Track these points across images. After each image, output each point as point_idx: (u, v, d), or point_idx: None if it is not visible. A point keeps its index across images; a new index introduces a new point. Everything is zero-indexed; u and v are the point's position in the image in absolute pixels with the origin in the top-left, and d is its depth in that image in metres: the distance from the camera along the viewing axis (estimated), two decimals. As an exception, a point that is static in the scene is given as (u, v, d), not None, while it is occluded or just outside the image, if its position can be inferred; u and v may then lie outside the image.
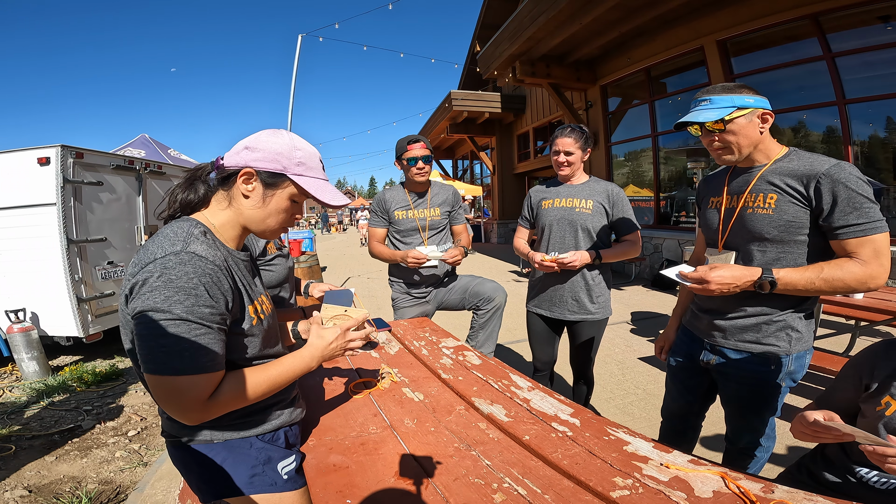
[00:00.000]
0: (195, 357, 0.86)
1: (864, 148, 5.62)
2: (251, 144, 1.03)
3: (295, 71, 10.16)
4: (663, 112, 8.23)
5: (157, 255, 0.88)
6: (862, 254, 1.19)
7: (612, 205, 2.18)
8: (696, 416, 1.80)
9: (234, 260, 1.04)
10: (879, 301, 3.03)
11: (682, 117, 1.39)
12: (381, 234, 2.63)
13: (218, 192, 1.07)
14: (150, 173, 4.99)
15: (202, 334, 0.88)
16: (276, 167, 1.03)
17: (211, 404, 0.90)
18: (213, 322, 0.90)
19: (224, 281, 0.94)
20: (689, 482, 0.99)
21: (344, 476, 1.11)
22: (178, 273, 0.86)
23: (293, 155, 1.05)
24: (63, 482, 2.37)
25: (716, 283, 1.29)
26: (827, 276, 1.21)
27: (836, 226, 1.22)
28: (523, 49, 8.33)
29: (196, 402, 0.87)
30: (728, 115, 1.30)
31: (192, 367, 0.86)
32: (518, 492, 1.01)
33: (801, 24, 5.78)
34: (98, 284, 4.31)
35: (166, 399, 0.87)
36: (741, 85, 1.35)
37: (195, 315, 0.86)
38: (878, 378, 1.06)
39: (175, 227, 0.95)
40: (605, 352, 4.08)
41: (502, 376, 1.69)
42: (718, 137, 1.36)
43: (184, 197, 1.06)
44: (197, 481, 1.04)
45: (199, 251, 0.91)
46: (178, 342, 0.85)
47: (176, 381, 0.85)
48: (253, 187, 1.03)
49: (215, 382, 0.91)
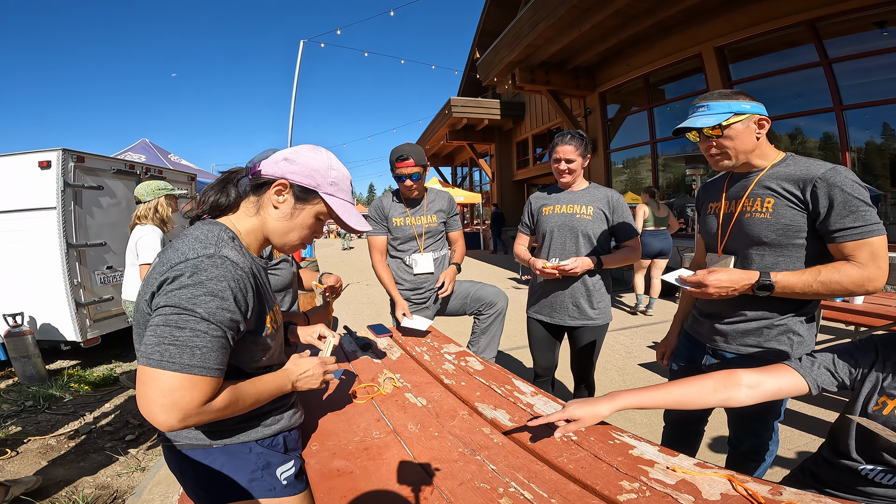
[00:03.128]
0: (207, 357, 0.83)
1: (861, 154, 5.65)
2: (290, 157, 1.04)
3: (296, 76, 10.21)
4: (662, 119, 8.28)
5: (188, 255, 0.87)
6: (859, 257, 1.20)
7: (613, 211, 2.19)
8: (698, 421, 1.80)
9: (257, 268, 1.04)
10: (879, 306, 3.04)
11: (681, 123, 1.41)
12: (383, 244, 2.57)
13: (249, 198, 1.07)
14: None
15: (219, 337, 0.85)
16: (310, 183, 1.04)
17: (202, 412, 0.84)
18: (230, 329, 0.88)
19: (250, 289, 0.93)
20: (696, 485, 0.99)
21: (348, 481, 1.10)
22: (210, 275, 0.86)
23: (328, 174, 1.06)
24: (59, 486, 2.34)
25: (714, 287, 1.30)
26: (824, 279, 1.22)
27: (832, 229, 1.22)
28: (522, 56, 8.39)
29: (190, 405, 0.81)
30: (725, 121, 1.32)
31: (202, 367, 0.82)
32: (524, 496, 1.00)
33: (797, 30, 5.84)
34: (97, 289, 4.30)
35: (159, 396, 0.79)
36: (738, 91, 1.37)
37: (216, 318, 0.85)
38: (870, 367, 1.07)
39: (205, 230, 0.95)
40: (606, 358, 4.07)
41: (505, 381, 1.68)
42: (716, 143, 1.38)
43: (215, 199, 1.06)
44: (193, 486, 1.02)
45: (231, 256, 0.91)
46: (194, 339, 0.82)
47: (178, 379, 0.80)
48: (284, 199, 1.04)
49: (215, 389, 0.86)
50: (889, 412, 1.01)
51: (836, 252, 1.26)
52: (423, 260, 2.53)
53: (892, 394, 1.03)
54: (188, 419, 0.82)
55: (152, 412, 0.79)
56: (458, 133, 14.96)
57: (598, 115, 9.51)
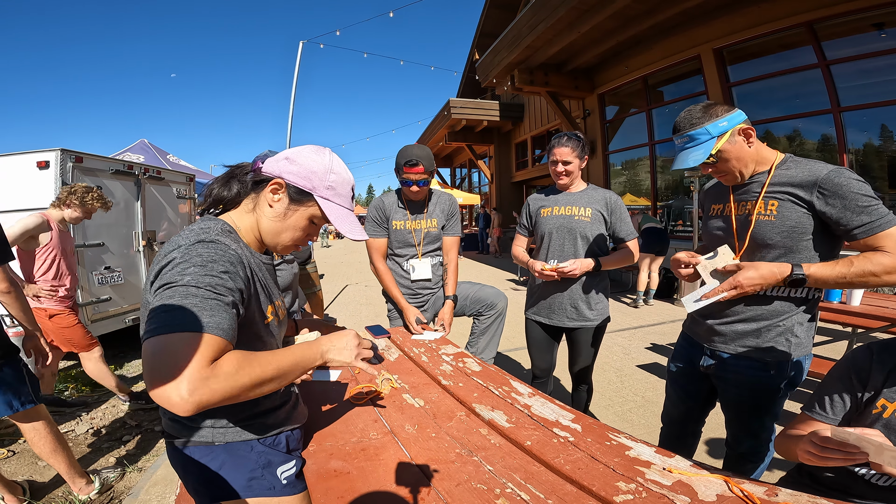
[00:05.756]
0: (198, 316, 0.79)
1: (859, 156, 5.67)
2: (291, 156, 1.04)
3: (296, 77, 10.20)
4: (660, 121, 8.29)
5: (181, 243, 0.89)
6: (887, 246, 1.19)
7: (611, 213, 2.19)
8: (695, 422, 1.80)
9: (256, 261, 1.04)
10: (876, 308, 3.04)
11: (675, 166, 1.43)
12: (383, 246, 2.49)
13: (249, 194, 1.08)
14: (148, 178, 4.98)
15: (209, 298, 0.82)
16: (305, 184, 1.04)
17: (210, 375, 0.75)
18: (222, 293, 0.84)
19: (241, 272, 0.92)
20: (692, 486, 0.99)
21: (345, 482, 1.10)
22: (199, 252, 0.86)
23: (326, 177, 1.05)
24: (56, 486, 2.34)
25: (748, 286, 1.31)
26: (858, 270, 1.21)
27: (850, 227, 1.23)
28: (522, 57, 8.41)
29: (193, 368, 0.73)
30: (714, 150, 1.33)
31: (194, 324, 0.77)
32: (521, 497, 1.00)
33: (796, 32, 5.86)
34: (95, 290, 4.28)
35: (161, 364, 0.73)
36: (707, 105, 1.37)
37: (204, 283, 0.83)
38: (873, 385, 1.07)
39: (203, 224, 0.97)
40: (604, 359, 4.08)
41: (502, 383, 1.68)
42: (714, 168, 1.40)
43: (218, 192, 1.07)
44: (195, 483, 1.03)
45: (224, 241, 0.92)
46: (183, 301, 0.79)
47: (172, 340, 0.74)
48: (279, 198, 1.04)
49: (218, 348, 0.79)
50: (889, 415, 1.01)
51: (861, 248, 1.26)
52: (422, 266, 2.49)
53: (891, 397, 1.03)
54: (199, 389, 0.73)
55: (163, 391, 0.72)
56: (456, 134, 14.98)
57: (596, 116, 9.53)
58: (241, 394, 0.81)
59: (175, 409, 0.72)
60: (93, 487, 2.22)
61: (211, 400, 0.75)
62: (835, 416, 1.13)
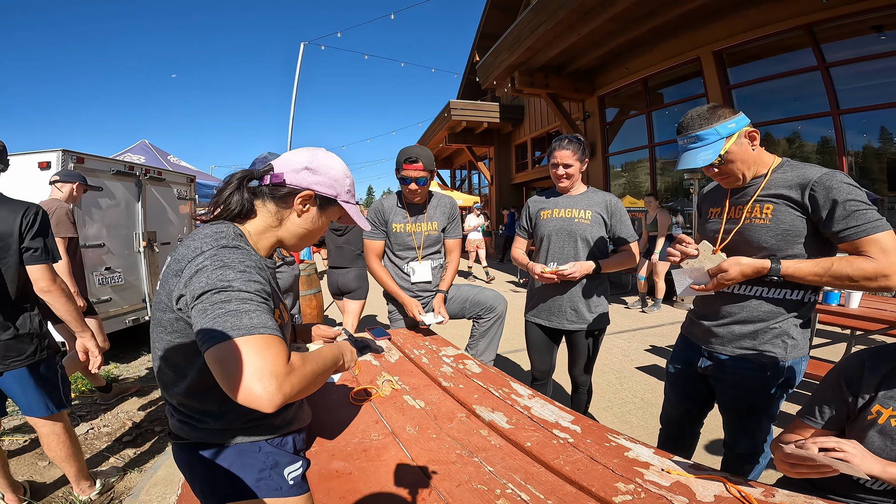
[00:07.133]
0: (263, 318, 0.81)
1: (858, 158, 5.68)
2: (312, 166, 1.08)
3: (297, 78, 10.23)
4: (660, 123, 8.31)
5: (204, 248, 0.89)
6: (871, 251, 1.21)
7: (611, 215, 2.20)
8: (694, 423, 1.81)
9: (265, 265, 1.06)
10: (875, 311, 3.05)
11: (681, 165, 1.43)
12: (379, 248, 2.53)
13: (265, 202, 1.08)
14: (149, 179, 4.99)
15: (261, 303, 0.84)
16: (331, 192, 1.10)
17: (290, 371, 0.79)
18: (266, 298, 0.87)
19: (264, 276, 0.95)
20: (690, 487, 1.00)
21: (347, 482, 1.11)
22: (232, 258, 0.88)
23: (345, 182, 1.13)
24: (56, 487, 2.35)
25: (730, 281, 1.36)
26: (835, 272, 1.23)
27: (837, 230, 1.24)
28: (522, 59, 8.42)
29: (276, 363, 0.76)
30: (722, 150, 1.35)
31: (264, 327, 0.80)
32: (521, 497, 1.01)
33: (795, 34, 5.88)
34: (95, 290, 4.29)
35: (246, 366, 0.75)
36: (715, 107, 1.39)
37: (252, 289, 0.85)
38: (866, 391, 1.08)
39: (214, 228, 0.97)
40: (603, 361, 4.09)
41: (503, 384, 1.69)
42: (719, 170, 1.41)
43: (235, 206, 1.06)
44: (202, 484, 1.03)
45: (244, 246, 0.94)
46: (243, 305, 0.81)
47: (251, 342, 0.77)
48: (307, 208, 1.09)
49: (284, 348, 0.81)
50: (884, 421, 1.02)
51: (849, 251, 1.27)
52: (422, 269, 2.50)
53: (886, 403, 1.04)
54: (285, 384, 0.76)
55: (249, 390, 0.73)
56: (457, 136, 15.00)
57: (596, 118, 9.55)
58: (309, 386, 0.86)
59: (263, 407, 0.74)
60: (94, 488, 2.23)
61: (292, 393, 0.79)
62: (825, 422, 1.14)
